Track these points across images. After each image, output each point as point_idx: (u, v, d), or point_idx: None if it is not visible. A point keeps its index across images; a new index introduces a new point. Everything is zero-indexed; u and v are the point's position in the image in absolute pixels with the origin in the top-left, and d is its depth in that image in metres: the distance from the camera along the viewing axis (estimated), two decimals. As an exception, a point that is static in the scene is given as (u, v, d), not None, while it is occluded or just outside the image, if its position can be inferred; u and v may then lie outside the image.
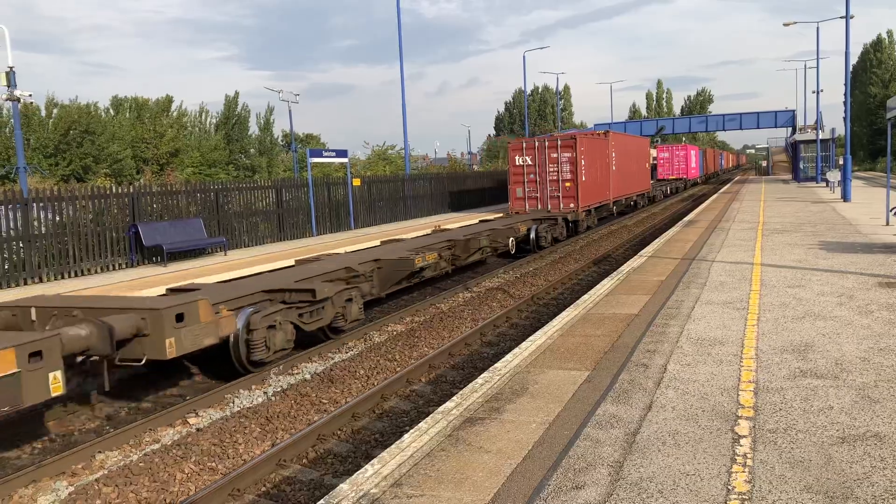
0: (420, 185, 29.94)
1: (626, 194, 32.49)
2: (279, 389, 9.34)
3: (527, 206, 25.17)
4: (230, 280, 12.70)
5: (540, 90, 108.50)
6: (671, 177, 52.83)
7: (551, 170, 24.79)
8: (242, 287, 10.82)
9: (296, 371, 10.13)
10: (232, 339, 9.37)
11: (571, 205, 24.70)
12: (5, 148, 42.02)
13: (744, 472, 4.61)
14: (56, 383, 6.82)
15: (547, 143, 24.96)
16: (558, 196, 24.80)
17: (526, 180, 25.17)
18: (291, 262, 14.40)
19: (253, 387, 9.45)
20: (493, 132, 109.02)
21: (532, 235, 21.63)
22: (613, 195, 29.59)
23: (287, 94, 34.70)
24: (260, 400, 8.97)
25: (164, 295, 10.86)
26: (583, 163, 24.84)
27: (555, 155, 24.72)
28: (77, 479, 6.89)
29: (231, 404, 8.82)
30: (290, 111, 46.57)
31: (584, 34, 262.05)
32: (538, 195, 25.05)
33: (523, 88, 54.14)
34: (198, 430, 8.05)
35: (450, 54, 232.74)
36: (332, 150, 24.60)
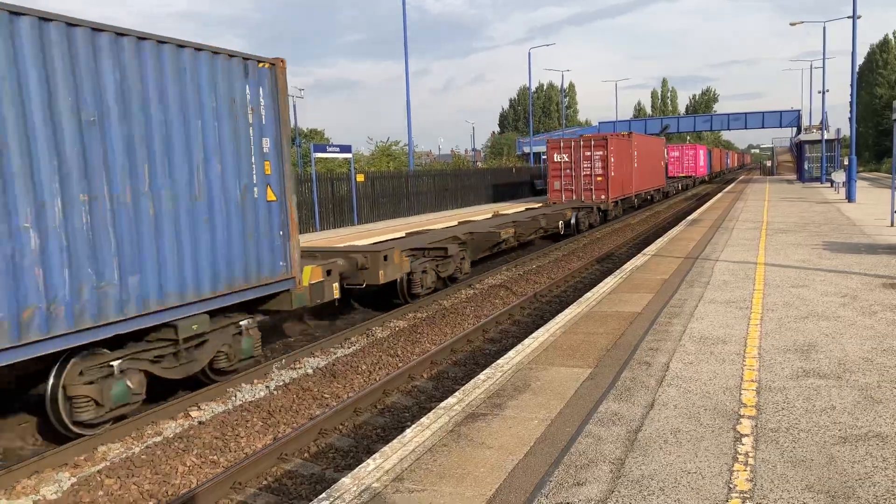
0: (424, 181, 29.95)
1: (646, 189, 36.12)
2: (281, 383, 9.35)
3: (563, 197, 28.29)
4: (385, 240, 16.28)
5: (545, 87, 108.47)
6: (681, 174, 55.32)
7: (585, 166, 28.02)
8: (402, 244, 14.79)
9: (298, 365, 10.15)
10: (400, 278, 13.28)
11: (602, 196, 27.98)
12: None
13: (745, 470, 4.61)
14: (336, 291, 11.01)
15: (582, 143, 28.16)
16: (591, 188, 28.06)
17: (563, 175, 28.37)
18: (367, 241, 16.53)
19: (255, 381, 9.47)
20: (497, 129, 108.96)
21: (573, 221, 25.12)
22: (635, 189, 32.89)
23: (291, 90, 34.72)
24: (262, 394, 8.99)
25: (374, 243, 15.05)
26: (612, 160, 27.96)
27: (588, 153, 27.97)
28: (79, 470, 6.91)
29: (233, 398, 8.84)
30: (294, 106, 46.58)
31: (590, 32, 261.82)
32: (573, 187, 28.26)
33: (528, 86, 54.14)
34: (200, 423, 8.06)
35: (455, 50, 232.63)
36: (336, 146, 24.61)
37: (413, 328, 12.25)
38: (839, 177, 34.18)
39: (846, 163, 31.93)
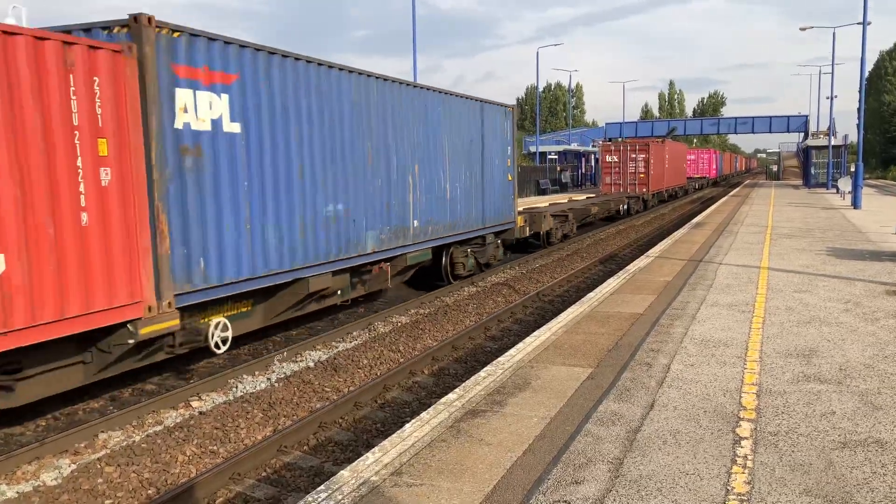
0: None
1: (673, 185, 44.59)
2: (282, 376, 9.38)
3: (612, 189, 36.16)
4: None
5: (552, 87, 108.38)
6: (696, 175, 61.61)
7: (630, 165, 36.07)
8: (547, 210, 22.80)
9: (299, 359, 10.17)
10: (545, 230, 21.33)
11: (644, 189, 36.21)
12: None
13: (743, 473, 4.62)
14: (526, 232, 19.15)
15: (628, 147, 36.72)
16: (635, 183, 36.24)
17: (612, 172, 36.36)
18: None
19: (257, 373, 9.50)
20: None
21: (624, 207, 33.04)
22: (666, 185, 41.09)
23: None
24: (263, 386, 9.01)
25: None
26: (651, 161, 36.07)
27: (633, 155, 36.10)
28: (80, 457, 6.94)
29: (234, 389, 8.86)
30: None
31: (599, 32, 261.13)
32: (621, 182, 36.28)
33: (536, 85, 54.16)
34: (200, 413, 8.09)
35: (465, 48, 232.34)
36: None
37: (415, 324, 12.27)
38: (845, 183, 34.10)
39: (853, 169, 31.85)
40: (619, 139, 53.56)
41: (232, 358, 10.43)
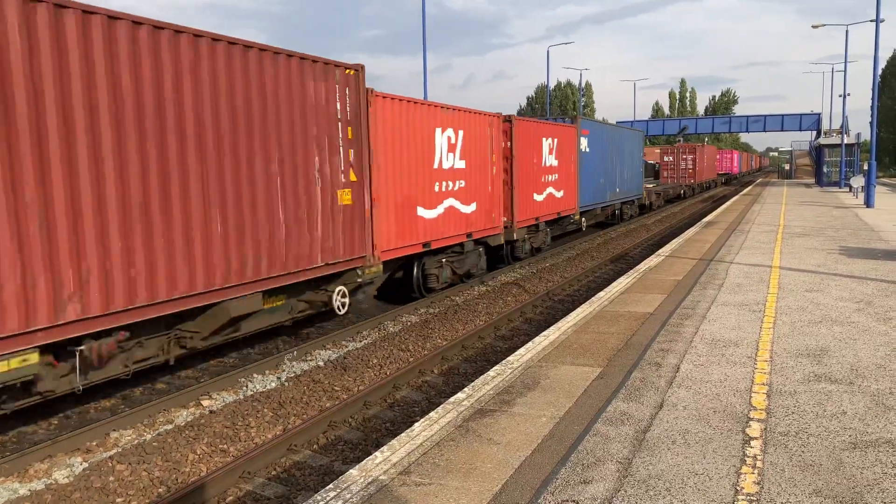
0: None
1: (708, 178, 57.58)
2: (292, 375, 9.41)
3: (669, 180, 46.94)
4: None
5: (562, 86, 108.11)
6: (721, 172, 71.59)
7: (682, 163, 48.25)
8: (651, 188, 37.27)
9: (309, 358, 10.20)
10: (650, 201, 35.57)
11: (691, 181, 49.19)
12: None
13: (753, 473, 4.60)
14: (651, 198, 34.23)
15: (680, 150, 48.72)
16: (685, 176, 48.65)
17: (669, 168, 47.87)
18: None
19: (267, 372, 9.54)
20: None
21: (682, 192, 46.25)
22: (705, 178, 54.12)
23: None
24: (273, 385, 9.05)
25: None
26: (696, 160, 49.24)
27: (684, 156, 48.63)
28: (91, 455, 6.99)
29: (244, 388, 8.90)
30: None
31: (610, 31, 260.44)
32: (675, 175, 47.85)
33: (546, 83, 54.31)
34: (211, 412, 8.13)
35: (475, 47, 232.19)
36: None
37: (424, 323, 12.28)
38: (858, 182, 33.85)
39: (865, 168, 31.62)
40: (681, 142, 64.84)
41: (242, 357, 10.48)
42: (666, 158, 47.72)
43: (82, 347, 6.95)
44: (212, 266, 8.07)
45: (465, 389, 6.46)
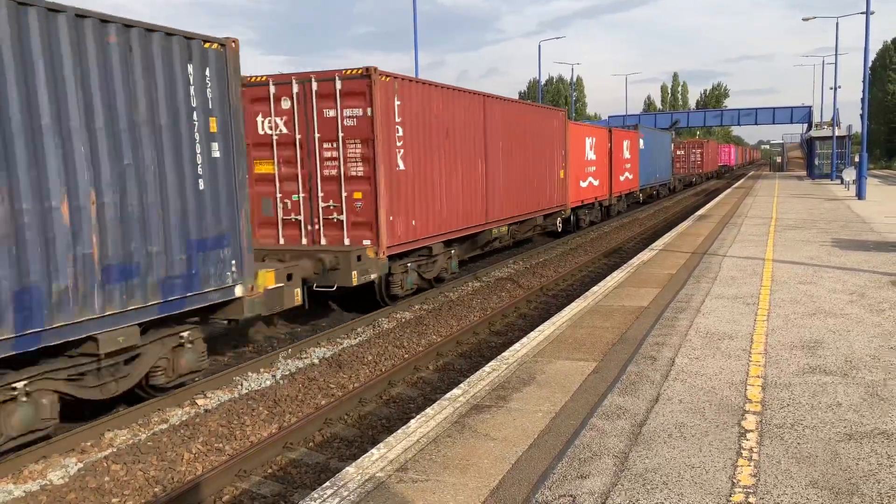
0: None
1: (712, 170, 69.06)
2: (287, 373, 9.39)
3: (681, 171, 53.22)
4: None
5: (554, 81, 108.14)
6: (721, 164, 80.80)
7: (691, 156, 56.60)
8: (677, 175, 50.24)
9: (304, 355, 10.18)
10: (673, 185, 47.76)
11: (699, 171, 59.29)
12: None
13: (749, 465, 4.61)
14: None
15: (690, 145, 57.49)
16: (695, 167, 57.91)
17: (680, 160, 53.26)
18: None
19: (261, 370, 9.51)
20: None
21: (693, 179, 57.00)
22: (709, 169, 65.89)
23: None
24: (268, 383, 9.03)
25: None
26: (703, 154, 59.50)
27: (693, 150, 57.55)
28: (86, 456, 6.96)
29: (239, 386, 8.88)
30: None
31: (602, 25, 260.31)
32: (685, 167, 55.22)
33: (538, 78, 54.40)
34: (206, 410, 8.10)
35: (467, 43, 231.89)
36: None
37: (419, 320, 12.27)
38: (849, 174, 33.97)
39: (857, 160, 31.73)
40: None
41: (237, 355, 10.45)
42: (678, 152, 53.90)
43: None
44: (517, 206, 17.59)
45: (461, 385, 6.46)
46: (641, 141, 33.21)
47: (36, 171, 6.24)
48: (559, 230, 21.95)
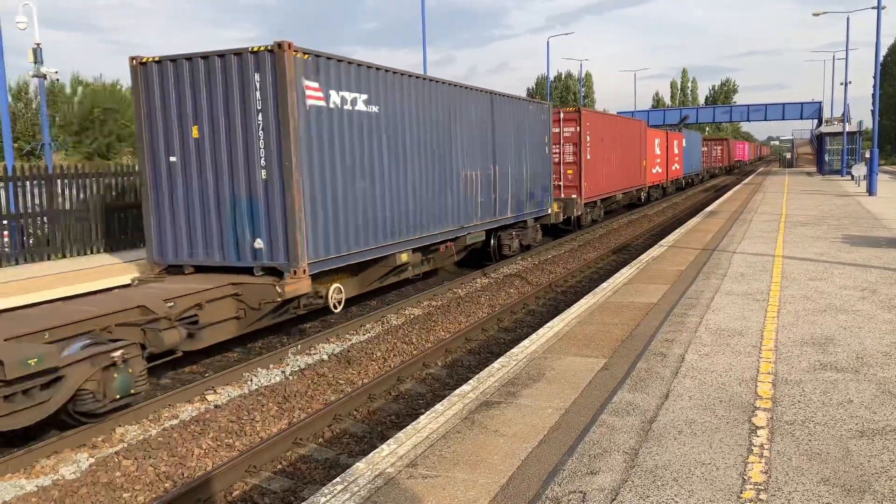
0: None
1: (730, 163, 77.78)
2: (297, 369, 9.41)
3: (705, 164, 59.12)
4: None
5: (563, 76, 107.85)
6: (737, 159, 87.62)
7: (714, 152, 67.25)
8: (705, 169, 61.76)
9: (313, 351, 10.20)
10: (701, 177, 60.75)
11: (721, 164, 70.84)
12: (31, 125, 42.50)
13: (760, 462, 4.59)
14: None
15: (712, 142, 67.52)
16: (717, 161, 68.09)
17: (705, 154, 59.20)
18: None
19: (271, 366, 9.54)
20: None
21: (716, 171, 68.66)
22: (729, 163, 76.00)
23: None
24: (277, 379, 9.05)
25: None
26: (724, 149, 71.59)
27: (716, 146, 68.42)
28: (97, 451, 7.00)
29: (249, 382, 8.91)
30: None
31: (610, 21, 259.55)
32: (709, 160, 63.72)
33: (546, 74, 54.39)
34: (216, 406, 8.14)
35: (475, 39, 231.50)
36: None
37: (427, 316, 12.28)
38: (860, 170, 33.75)
39: (867, 156, 31.52)
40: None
41: (246, 351, 10.48)
42: (702, 149, 60.90)
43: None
44: (624, 182, 28.57)
45: (471, 381, 6.45)
46: (684, 140, 44.40)
47: (516, 160, 16.99)
48: (641, 200, 33.42)
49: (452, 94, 13.72)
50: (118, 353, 7.45)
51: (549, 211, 19.06)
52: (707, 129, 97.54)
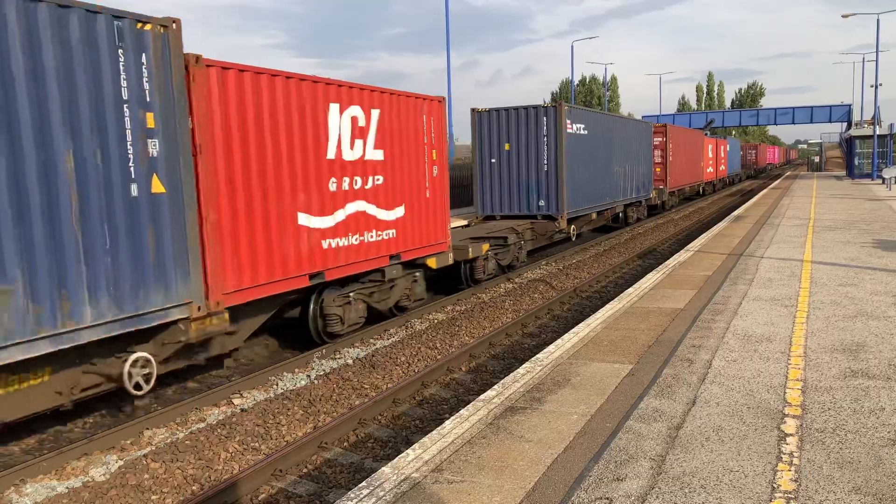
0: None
1: (764, 165, 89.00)
2: (322, 373, 9.46)
3: (743, 166, 68.53)
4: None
5: (587, 80, 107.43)
6: (768, 161, 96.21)
7: (748, 155, 75.02)
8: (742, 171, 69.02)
9: (338, 356, 10.25)
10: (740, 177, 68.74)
11: (755, 166, 79.75)
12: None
13: (790, 470, 4.53)
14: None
15: (747, 147, 76.41)
16: (751, 163, 76.29)
17: (741, 158, 65.61)
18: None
19: (296, 370, 9.60)
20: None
21: (752, 172, 78.28)
22: (763, 164, 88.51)
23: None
24: (303, 383, 9.10)
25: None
26: (757, 153, 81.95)
27: (750, 150, 77.18)
28: (126, 453, 7.09)
29: (275, 386, 8.97)
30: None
31: (635, 24, 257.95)
32: (745, 163, 70.58)
33: (571, 78, 54.16)
34: (242, 410, 8.20)
35: (499, 43, 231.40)
36: None
37: (451, 321, 12.28)
38: (891, 173, 33.21)
39: (898, 159, 31.00)
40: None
41: (272, 355, 10.56)
42: (740, 153, 66.80)
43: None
44: (690, 178, 38.78)
45: (496, 387, 6.44)
46: (728, 146, 52.91)
47: (634, 161, 25.96)
48: (701, 193, 42.22)
49: (610, 120, 23.40)
50: (513, 241, 16.41)
51: (651, 195, 28.48)
52: (733, 132, 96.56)
